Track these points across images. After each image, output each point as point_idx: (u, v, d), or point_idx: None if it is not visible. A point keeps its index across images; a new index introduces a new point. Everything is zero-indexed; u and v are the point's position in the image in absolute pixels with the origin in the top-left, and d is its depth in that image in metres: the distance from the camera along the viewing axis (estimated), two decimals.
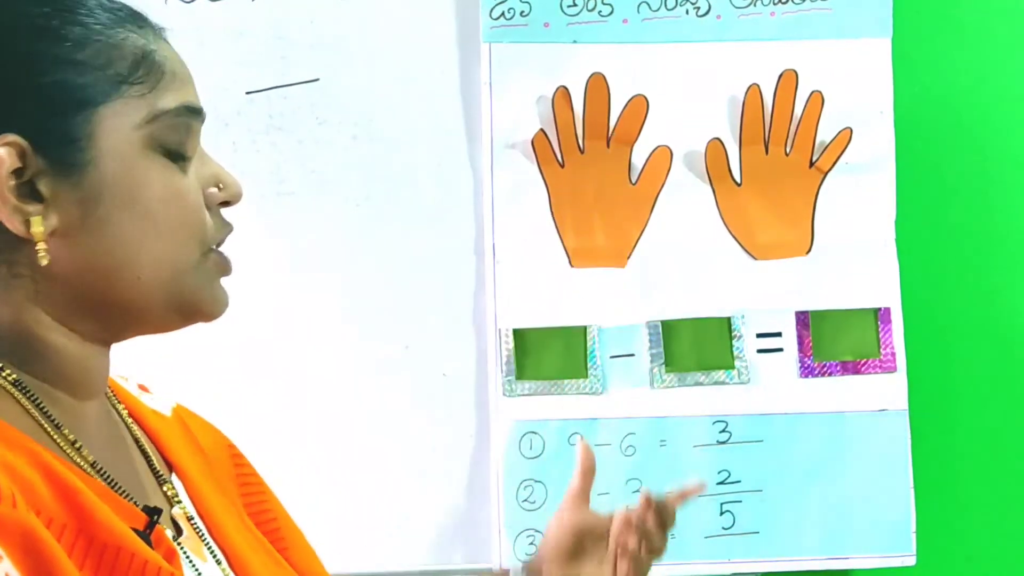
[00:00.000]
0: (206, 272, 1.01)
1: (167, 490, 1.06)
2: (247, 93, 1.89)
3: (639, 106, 1.91)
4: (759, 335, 1.94)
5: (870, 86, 1.94)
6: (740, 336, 1.93)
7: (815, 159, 1.94)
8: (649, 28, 1.92)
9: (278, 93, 1.89)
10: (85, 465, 0.98)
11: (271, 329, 1.88)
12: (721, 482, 1.91)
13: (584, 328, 1.91)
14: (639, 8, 1.92)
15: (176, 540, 1.01)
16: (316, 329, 1.90)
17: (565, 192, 1.92)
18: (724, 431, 1.92)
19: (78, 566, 0.88)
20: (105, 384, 1.05)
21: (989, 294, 2.05)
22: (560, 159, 1.91)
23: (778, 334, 1.94)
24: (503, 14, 1.90)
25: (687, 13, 1.92)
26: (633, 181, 1.93)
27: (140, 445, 1.08)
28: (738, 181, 1.94)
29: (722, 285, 1.93)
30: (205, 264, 1.01)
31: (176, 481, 1.09)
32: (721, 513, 1.91)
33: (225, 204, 1.03)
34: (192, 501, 1.08)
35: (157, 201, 0.98)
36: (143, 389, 1.18)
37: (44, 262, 0.96)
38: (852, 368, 1.94)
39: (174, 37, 1.09)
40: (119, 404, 1.10)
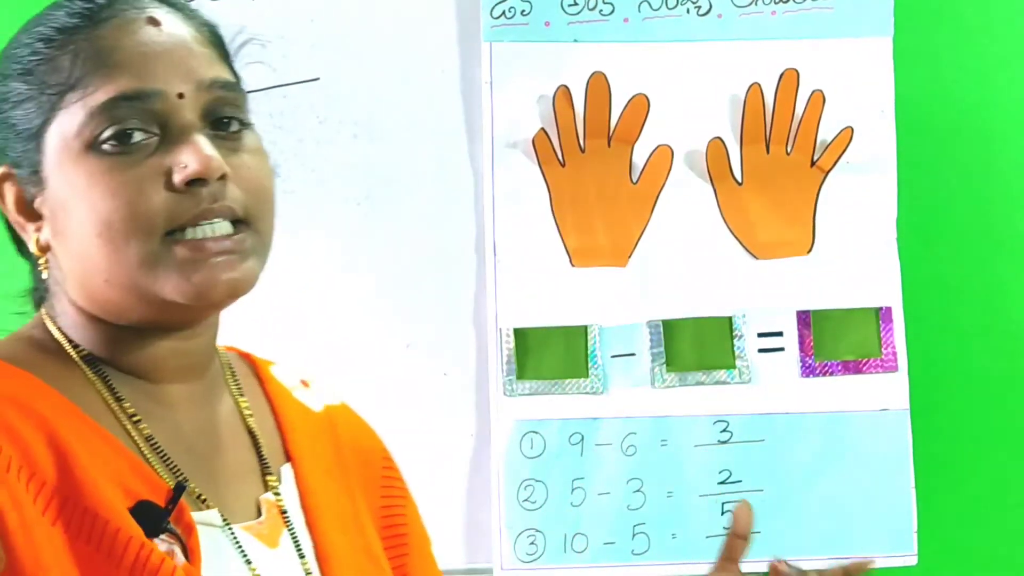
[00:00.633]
0: (171, 259, 1.00)
1: (268, 479, 1.10)
2: (247, 92, 1.89)
3: (640, 105, 1.91)
4: (760, 334, 1.93)
5: (871, 85, 1.94)
6: (741, 335, 1.93)
7: (816, 158, 1.94)
8: (650, 27, 1.92)
9: (278, 92, 1.89)
10: (138, 437, 1.03)
11: (271, 328, 1.87)
12: (722, 482, 1.91)
13: (585, 327, 1.91)
14: (640, 7, 1.91)
15: (227, 523, 1.04)
16: (316, 328, 1.89)
17: (566, 191, 1.91)
18: (725, 431, 1.92)
19: (50, 522, 0.95)
20: (193, 371, 1.09)
21: (991, 293, 2.05)
22: (561, 158, 1.91)
23: (779, 333, 1.94)
24: (504, 13, 1.89)
25: (688, 12, 1.92)
26: (634, 180, 1.93)
27: (253, 434, 1.12)
28: (739, 180, 1.94)
29: (723, 284, 1.93)
30: (168, 251, 1.00)
31: (287, 472, 1.12)
32: (722, 513, 1.91)
33: (195, 182, 1.00)
34: (300, 493, 1.11)
35: (99, 201, 1.00)
36: (304, 384, 1.23)
37: (44, 274, 1.06)
38: (853, 368, 1.94)
39: None
40: (238, 393, 1.14)
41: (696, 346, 1.92)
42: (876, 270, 1.94)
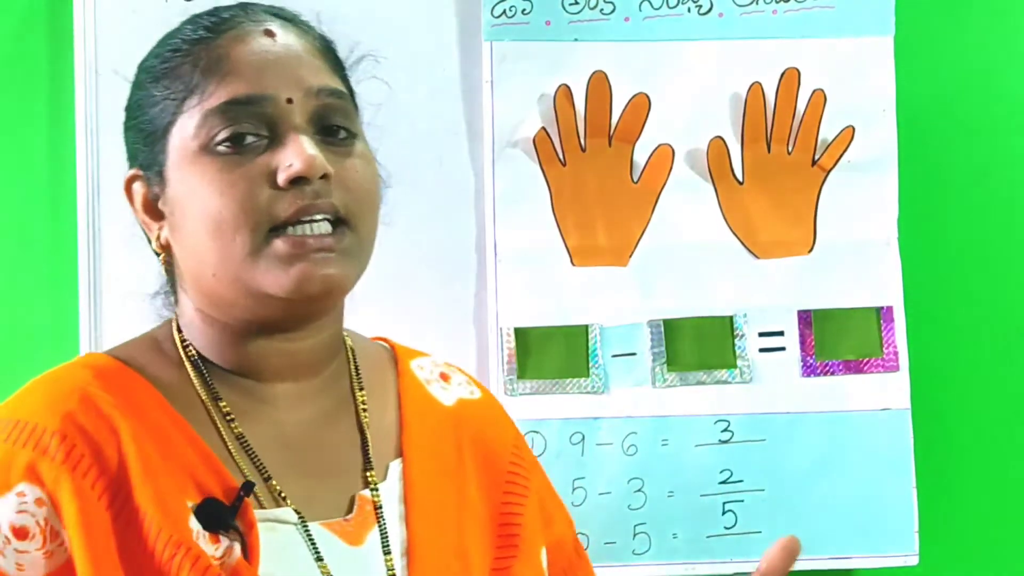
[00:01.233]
0: (272, 252, 1.07)
1: (368, 475, 1.14)
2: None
3: (641, 104, 1.91)
4: (761, 334, 1.93)
5: (873, 84, 1.94)
6: (742, 335, 1.93)
7: (817, 157, 1.94)
8: (651, 26, 1.92)
9: None
10: (227, 436, 1.11)
11: None
12: (723, 481, 1.91)
13: (586, 327, 1.91)
14: (641, 6, 1.91)
15: (302, 520, 1.08)
16: None
17: (567, 191, 1.91)
18: (726, 430, 1.91)
19: (111, 516, 1.03)
20: (301, 371, 1.15)
21: (992, 293, 2.05)
22: (562, 157, 1.91)
23: (780, 333, 1.93)
24: (504, 12, 1.89)
25: (689, 11, 1.92)
26: (635, 180, 1.93)
27: (363, 430, 1.17)
28: (740, 180, 1.93)
29: (724, 284, 1.93)
30: (268, 247, 1.07)
31: (396, 467, 1.16)
32: (723, 512, 1.91)
33: (299, 180, 1.07)
34: (404, 489, 1.15)
35: (210, 198, 1.07)
36: (443, 377, 1.29)
37: (162, 270, 1.16)
38: (854, 367, 1.93)
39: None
40: (359, 388, 1.20)
41: (697, 346, 1.92)
42: (877, 269, 1.94)
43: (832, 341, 1.93)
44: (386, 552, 1.11)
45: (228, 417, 1.12)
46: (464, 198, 1.92)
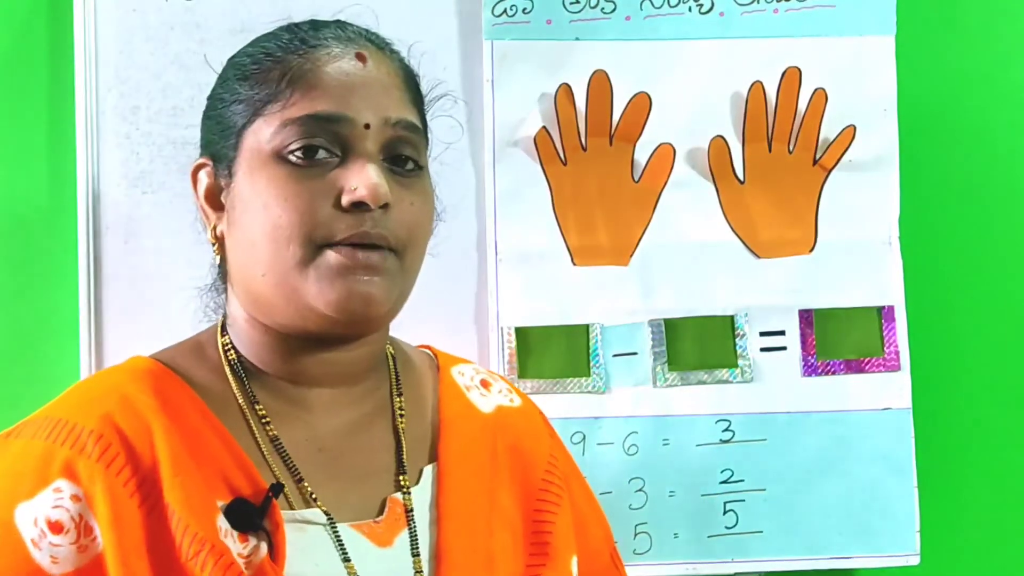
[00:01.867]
0: (322, 263, 1.10)
1: (400, 479, 1.17)
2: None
3: (642, 103, 1.91)
4: (762, 333, 1.93)
5: (874, 83, 1.94)
6: (743, 334, 1.93)
7: (818, 157, 1.94)
8: (652, 25, 1.92)
9: None
10: (262, 438, 1.14)
11: None
12: (724, 481, 1.91)
13: (587, 326, 1.91)
14: (642, 5, 1.91)
15: (331, 521, 1.11)
16: None
17: (567, 190, 1.91)
18: (727, 430, 1.91)
19: (144, 512, 1.07)
20: (341, 379, 1.18)
21: (993, 292, 2.05)
22: (562, 157, 1.91)
23: (781, 332, 1.93)
24: (505, 11, 1.89)
25: (690, 10, 1.92)
26: (636, 179, 1.93)
27: (399, 436, 1.20)
28: (741, 179, 1.93)
29: (725, 283, 1.93)
30: (317, 261, 1.10)
31: (429, 472, 1.19)
32: (724, 512, 1.90)
33: (360, 205, 1.10)
34: (437, 493, 1.18)
35: (274, 204, 1.10)
36: (483, 384, 1.32)
37: (216, 260, 1.19)
38: (856, 367, 1.93)
39: (174, 35, 1.15)
40: (397, 394, 1.23)
41: (698, 345, 1.92)
42: (878, 269, 1.94)
43: (833, 341, 1.93)
44: (415, 554, 1.13)
45: (264, 420, 1.15)
46: (465, 197, 1.91)
